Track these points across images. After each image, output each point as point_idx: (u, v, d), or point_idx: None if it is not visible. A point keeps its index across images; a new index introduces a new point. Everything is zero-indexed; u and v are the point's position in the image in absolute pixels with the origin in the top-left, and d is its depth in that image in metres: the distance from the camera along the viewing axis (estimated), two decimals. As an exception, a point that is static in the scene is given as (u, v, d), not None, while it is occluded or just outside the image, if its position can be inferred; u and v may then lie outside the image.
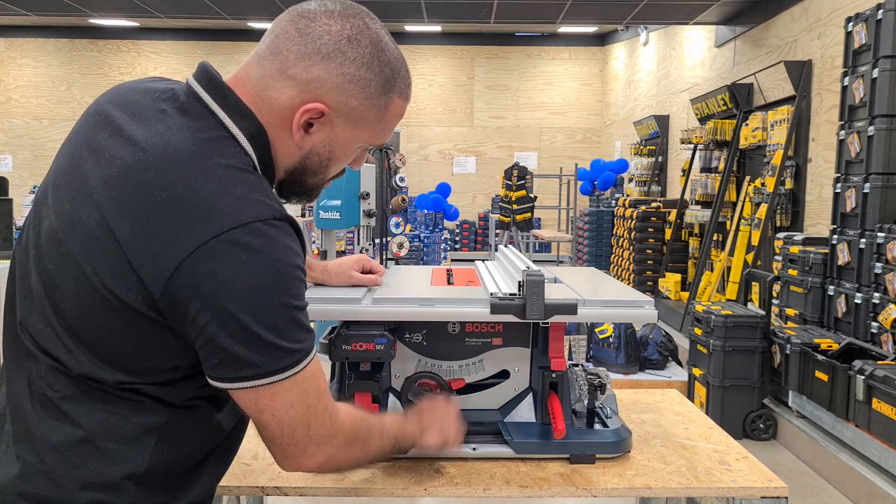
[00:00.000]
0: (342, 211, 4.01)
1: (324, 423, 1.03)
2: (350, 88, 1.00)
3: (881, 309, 3.71)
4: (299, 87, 0.99)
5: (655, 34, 9.73)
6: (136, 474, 0.97)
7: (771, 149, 5.63)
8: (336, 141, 1.05)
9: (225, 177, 0.93)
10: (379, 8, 7.30)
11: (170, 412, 0.99)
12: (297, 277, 0.95)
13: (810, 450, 3.75)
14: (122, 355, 0.95)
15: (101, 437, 0.96)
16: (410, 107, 11.67)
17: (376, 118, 1.06)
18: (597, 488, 1.33)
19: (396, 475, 1.36)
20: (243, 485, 1.33)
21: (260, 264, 0.90)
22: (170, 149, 0.93)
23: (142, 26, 12.09)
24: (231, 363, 0.93)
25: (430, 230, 10.40)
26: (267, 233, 0.92)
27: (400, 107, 1.08)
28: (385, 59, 1.03)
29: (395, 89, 1.06)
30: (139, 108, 0.99)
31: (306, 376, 0.99)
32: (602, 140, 12.77)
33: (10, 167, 12.59)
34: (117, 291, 0.91)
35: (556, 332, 1.44)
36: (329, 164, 1.09)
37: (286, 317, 0.94)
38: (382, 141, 1.11)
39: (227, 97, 1.00)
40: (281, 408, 0.98)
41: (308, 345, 0.99)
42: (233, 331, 0.91)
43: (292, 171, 1.07)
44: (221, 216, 0.90)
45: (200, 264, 0.89)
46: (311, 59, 0.98)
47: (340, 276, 1.54)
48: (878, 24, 3.88)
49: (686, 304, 6.20)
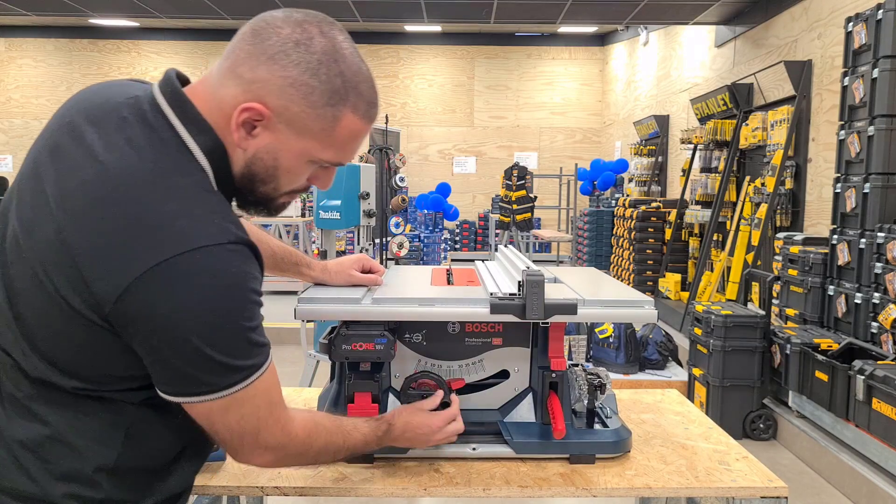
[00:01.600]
0: (342, 211, 4.01)
1: (274, 433, 1.05)
2: (291, 92, 0.97)
3: (881, 309, 3.71)
4: (243, 87, 0.98)
5: (655, 34, 9.73)
6: (107, 468, 0.98)
7: (771, 149, 5.62)
8: (279, 148, 1.01)
9: (182, 197, 0.93)
10: (379, 8, 7.30)
11: (135, 409, 1.00)
12: (251, 301, 0.96)
13: (810, 450, 3.75)
14: (77, 364, 0.96)
15: (68, 435, 0.97)
16: (410, 107, 11.61)
17: (322, 130, 1.01)
18: (597, 488, 1.33)
19: (396, 475, 1.36)
20: (243, 485, 1.33)
21: (214, 289, 0.91)
22: (128, 164, 0.93)
23: (142, 26, 12.09)
24: (183, 381, 0.95)
25: (430, 230, 10.40)
26: (222, 257, 0.92)
27: (354, 124, 1.02)
28: (336, 70, 0.98)
29: (348, 103, 1.00)
30: (101, 114, 0.99)
31: (259, 391, 1.00)
32: (602, 140, 12.77)
33: (10, 167, 12.60)
34: (71, 301, 0.92)
35: (555, 332, 1.44)
36: (276, 174, 1.04)
37: (239, 339, 0.95)
38: (340, 159, 1.06)
39: (186, 110, 0.99)
40: (233, 419, 1.00)
41: (260, 359, 0.99)
42: (185, 353, 0.92)
43: (241, 177, 1.04)
44: (177, 239, 0.90)
45: (153, 286, 0.89)
46: (257, 59, 0.97)
47: (340, 275, 1.54)
48: (878, 24, 3.88)
49: (686, 304, 6.20)
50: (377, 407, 1.40)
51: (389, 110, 12.37)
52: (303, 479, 1.34)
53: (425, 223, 10.75)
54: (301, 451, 1.12)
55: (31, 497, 0.96)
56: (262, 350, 1.00)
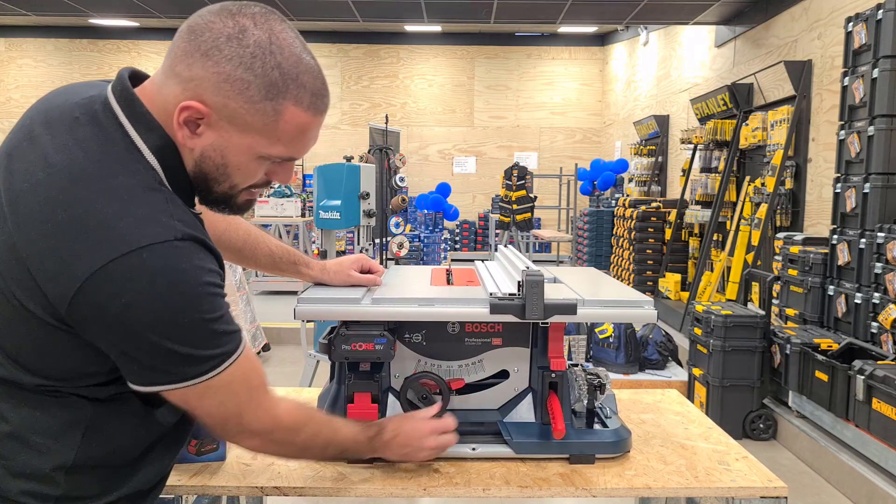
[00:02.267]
0: (342, 211, 4.01)
1: (258, 417, 1.07)
2: (226, 89, 0.95)
3: (881, 309, 3.71)
4: (182, 85, 0.97)
5: (655, 34, 9.73)
6: (65, 466, 0.98)
7: (771, 149, 5.62)
8: (225, 146, 1.00)
9: (127, 197, 0.93)
10: (379, 8, 7.30)
11: (95, 407, 1.00)
12: (206, 294, 0.95)
13: (810, 450, 3.75)
14: (39, 362, 0.96)
15: (27, 432, 0.97)
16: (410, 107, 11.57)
17: (264, 125, 0.98)
18: (596, 488, 1.33)
19: (396, 475, 1.36)
20: (243, 485, 1.33)
21: (163, 286, 0.91)
22: (75, 166, 0.93)
23: (142, 26, 12.09)
24: (149, 372, 0.96)
25: (430, 230, 10.40)
26: (168, 254, 0.92)
27: (298, 116, 0.99)
28: (273, 62, 0.96)
29: (288, 96, 0.97)
30: (56, 115, 0.99)
31: (235, 376, 1.00)
32: (602, 140, 12.77)
33: (10, 167, 12.58)
34: (26, 304, 0.93)
35: (555, 333, 1.44)
36: (228, 171, 1.02)
37: (199, 330, 0.95)
38: (290, 153, 1.03)
39: (134, 108, 0.98)
40: (211, 405, 1.01)
41: (230, 347, 0.99)
42: (145, 348, 0.93)
43: (194, 176, 1.03)
44: (121, 239, 0.90)
45: (102, 286, 0.89)
46: (192, 57, 0.96)
47: (339, 275, 1.54)
48: (878, 24, 3.88)
49: (686, 304, 6.19)
50: (377, 407, 1.41)
51: (389, 110, 12.37)
52: (303, 479, 1.34)
53: (425, 223, 10.75)
54: (287, 437, 1.13)
55: None
56: (232, 338, 0.99)
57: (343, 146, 12.21)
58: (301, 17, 7.75)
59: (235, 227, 1.47)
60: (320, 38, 12.29)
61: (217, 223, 1.43)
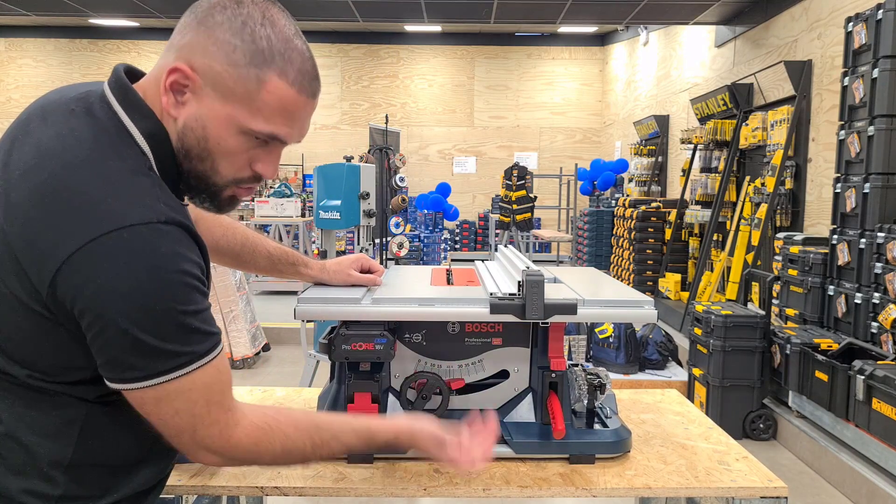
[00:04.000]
0: (342, 211, 4.01)
1: (211, 435, 1.00)
2: (213, 50, 0.97)
3: (881, 309, 3.71)
4: (175, 54, 0.99)
5: (655, 34, 9.73)
6: (62, 465, 0.98)
7: (771, 149, 5.62)
8: (206, 115, 0.99)
9: (115, 179, 0.93)
10: (379, 8, 7.30)
11: (88, 407, 0.99)
12: (182, 283, 0.93)
13: (810, 450, 3.75)
14: (27, 353, 0.96)
15: (21, 431, 0.97)
16: (411, 107, 11.58)
17: (246, 92, 0.98)
18: (596, 488, 1.33)
19: (396, 475, 1.36)
20: (243, 485, 1.33)
21: (140, 269, 0.89)
22: (66, 152, 0.94)
23: (142, 26, 12.09)
24: (114, 365, 0.93)
25: (430, 230, 10.40)
26: (150, 237, 0.90)
27: (282, 89, 0.99)
28: (264, 33, 0.98)
29: (273, 67, 0.98)
30: (52, 109, 1.01)
31: (196, 384, 0.96)
32: (602, 140, 12.77)
33: (10, 167, 12.60)
34: (15, 290, 0.93)
35: (555, 333, 1.44)
36: (209, 146, 1.01)
37: (170, 321, 0.92)
38: (272, 129, 1.01)
39: (128, 97, 1.00)
40: (166, 413, 0.96)
41: (200, 348, 0.95)
42: (113, 335, 0.90)
43: (177, 154, 1.02)
44: (105, 218, 0.89)
45: (81, 266, 0.88)
46: (188, 28, 0.99)
47: (339, 274, 1.54)
48: (878, 24, 3.88)
49: (686, 304, 6.19)
50: (377, 407, 1.41)
51: (389, 110, 12.38)
52: (303, 479, 1.34)
53: (425, 223, 10.75)
54: (249, 458, 1.05)
55: None
56: (205, 339, 0.96)
57: (343, 146, 12.22)
58: (301, 17, 7.75)
59: (233, 231, 1.47)
60: (320, 38, 12.29)
61: (214, 229, 1.42)
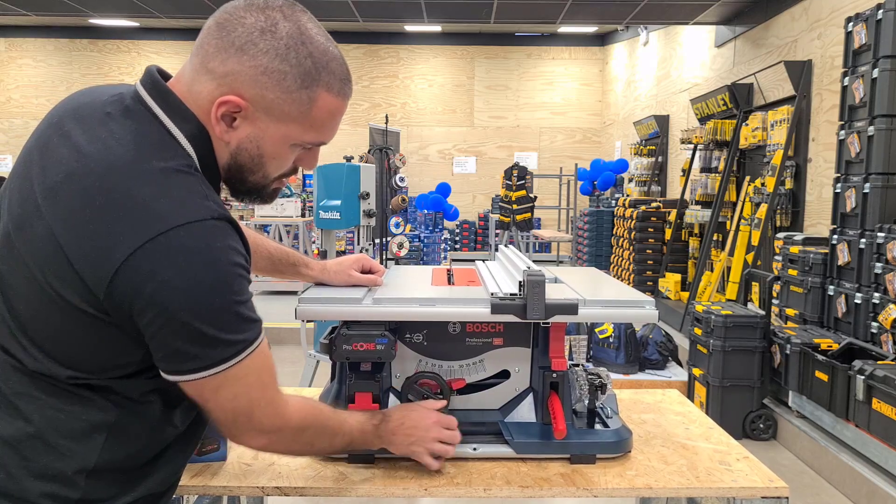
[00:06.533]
0: (342, 211, 4.01)
1: (267, 415, 1.07)
2: (264, 81, 0.99)
3: (881, 309, 3.71)
4: (217, 81, 1.00)
5: (655, 34, 9.73)
6: (85, 469, 0.99)
7: (771, 149, 5.62)
8: (262, 136, 1.04)
9: (163, 180, 0.94)
10: (379, 8, 7.29)
11: (119, 410, 1.01)
12: (237, 275, 0.97)
13: (810, 450, 3.75)
14: (73, 353, 0.97)
15: (50, 434, 0.98)
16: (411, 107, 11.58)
17: (300, 113, 1.03)
18: (597, 488, 1.33)
19: (396, 475, 1.36)
20: (243, 485, 1.33)
21: (198, 264, 0.92)
22: (110, 154, 0.95)
23: (142, 26, 12.09)
24: (175, 357, 0.96)
25: (430, 230, 10.40)
26: (204, 233, 0.94)
27: (330, 102, 1.04)
28: (305, 52, 1.00)
29: (321, 83, 1.02)
30: (87, 112, 1.01)
31: (251, 369, 1.01)
32: (602, 140, 12.77)
33: (10, 167, 12.58)
34: (63, 293, 0.94)
35: (556, 332, 1.44)
36: (263, 162, 1.06)
37: (228, 312, 0.96)
38: (322, 139, 1.08)
39: (169, 101, 1.01)
40: (225, 399, 1.01)
41: (252, 334, 1.00)
42: (175, 329, 0.93)
43: (228, 168, 1.06)
44: (159, 218, 0.91)
45: (140, 266, 0.90)
46: (226, 53, 0.99)
47: (340, 275, 1.54)
48: (878, 24, 3.88)
49: (686, 304, 6.19)
50: (378, 407, 1.40)
51: (389, 110, 12.37)
52: (303, 479, 1.34)
53: (425, 223, 10.75)
54: (295, 436, 1.14)
55: (7, 494, 0.97)
56: (254, 326, 1.01)
57: (343, 146, 12.22)
58: (301, 17, 7.75)
59: None
60: (320, 38, 12.27)
61: None
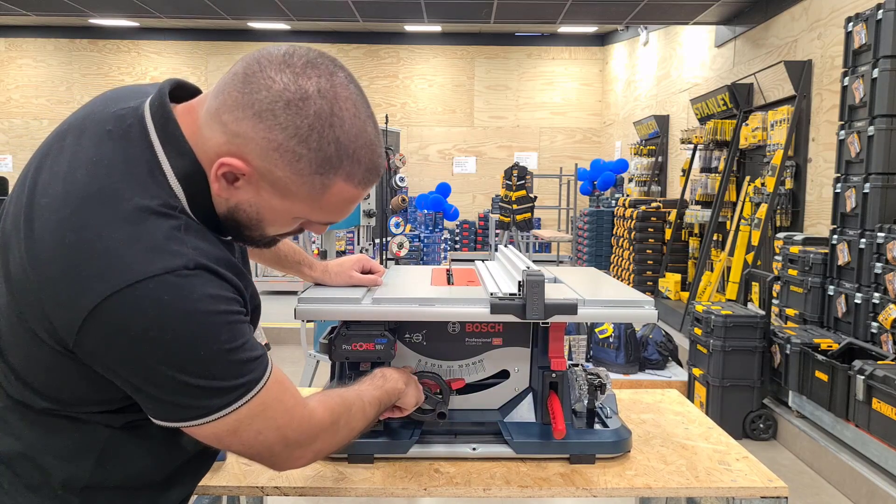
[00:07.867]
0: (342, 211, 4.02)
1: (301, 431, 1.00)
2: (275, 157, 0.89)
3: (881, 309, 3.71)
4: (226, 137, 0.90)
5: (655, 34, 9.73)
6: (77, 487, 0.95)
7: (771, 149, 5.62)
8: (263, 205, 0.95)
9: (138, 222, 0.87)
10: (379, 8, 7.30)
11: (110, 432, 0.96)
12: (224, 322, 0.89)
13: (810, 450, 3.75)
14: (49, 387, 0.93)
15: (38, 452, 0.95)
16: (411, 107, 11.59)
17: (309, 196, 0.93)
18: (597, 488, 1.33)
19: (396, 475, 1.36)
20: (243, 485, 1.33)
21: (173, 317, 0.85)
22: (92, 183, 0.88)
23: (142, 26, 12.09)
24: (170, 408, 0.90)
25: (430, 230, 10.40)
26: (178, 284, 0.86)
27: (346, 191, 0.94)
28: (332, 136, 0.89)
29: (340, 172, 0.92)
30: (91, 125, 0.95)
31: (269, 401, 0.94)
32: (602, 140, 12.77)
33: (10, 167, 12.60)
34: (37, 330, 0.89)
35: (556, 332, 1.44)
36: (262, 225, 0.98)
37: (219, 361, 0.89)
38: (330, 220, 1.00)
39: (168, 130, 0.93)
40: (248, 438, 0.94)
41: (256, 374, 0.93)
42: (161, 383, 0.87)
43: (224, 219, 0.98)
44: (127, 268, 0.84)
45: (109, 318, 0.84)
46: (243, 111, 0.89)
47: (340, 275, 1.54)
48: (878, 24, 3.88)
49: (686, 304, 6.19)
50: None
51: (389, 110, 12.37)
52: (303, 479, 1.34)
53: (425, 223, 10.75)
54: (333, 430, 1.07)
55: None
56: (257, 364, 0.93)
57: (343, 146, 12.19)
58: (301, 17, 7.76)
59: None
60: (320, 38, 12.28)
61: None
